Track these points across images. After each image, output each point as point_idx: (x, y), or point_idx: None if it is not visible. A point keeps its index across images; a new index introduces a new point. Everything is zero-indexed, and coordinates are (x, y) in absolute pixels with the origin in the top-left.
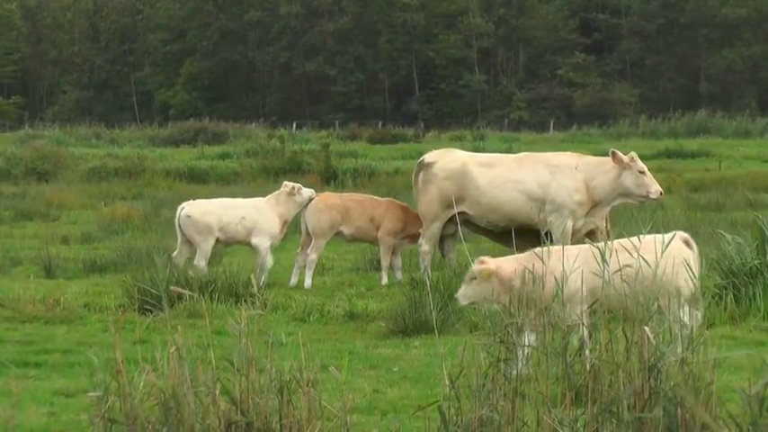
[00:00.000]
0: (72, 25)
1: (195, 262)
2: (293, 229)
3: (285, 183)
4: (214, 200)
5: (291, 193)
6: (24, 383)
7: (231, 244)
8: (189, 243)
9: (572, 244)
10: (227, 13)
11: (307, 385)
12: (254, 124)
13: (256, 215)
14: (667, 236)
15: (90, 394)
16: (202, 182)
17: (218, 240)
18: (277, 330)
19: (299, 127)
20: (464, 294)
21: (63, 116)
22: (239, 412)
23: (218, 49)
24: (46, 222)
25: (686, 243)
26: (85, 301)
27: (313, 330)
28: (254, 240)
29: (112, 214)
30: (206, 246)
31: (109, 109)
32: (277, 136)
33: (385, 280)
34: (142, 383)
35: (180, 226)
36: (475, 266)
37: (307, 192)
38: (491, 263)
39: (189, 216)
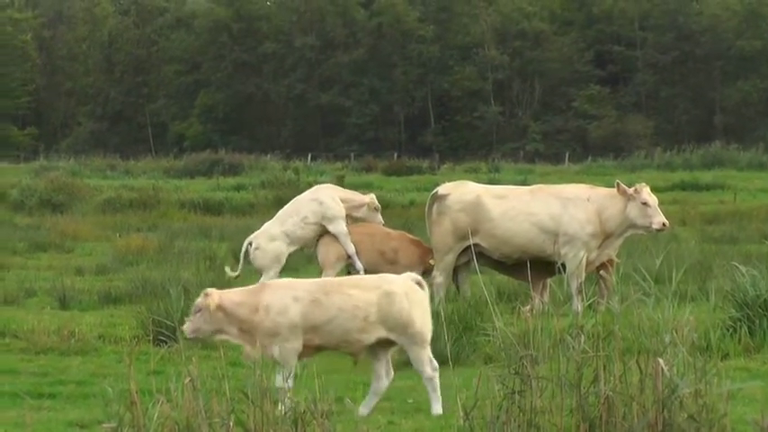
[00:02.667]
0: (86, 57)
1: None
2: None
3: (372, 196)
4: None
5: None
6: (39, 415)
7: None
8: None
9: (585, 275)
10: (242, 44)
11: (321, 417)
12: (269, 156)
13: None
14: (401, 277)
15: (104, 425)
16: (217, 213)
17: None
18: None
19: (313, 159)
20: (190, 328)
21: (78, 147)
22: None
23: (233, 80)
24: (60, 254)
25: (419, 284)
26: (100, 333)
27: (327, 362)
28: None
29: (127, 245)
30: (273, 275)
31: (123, 140)
32: (292, 168)
33: None
34: (156, 414)
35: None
36: (199, 299)
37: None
38: (215, 295)
39: (258, 248)
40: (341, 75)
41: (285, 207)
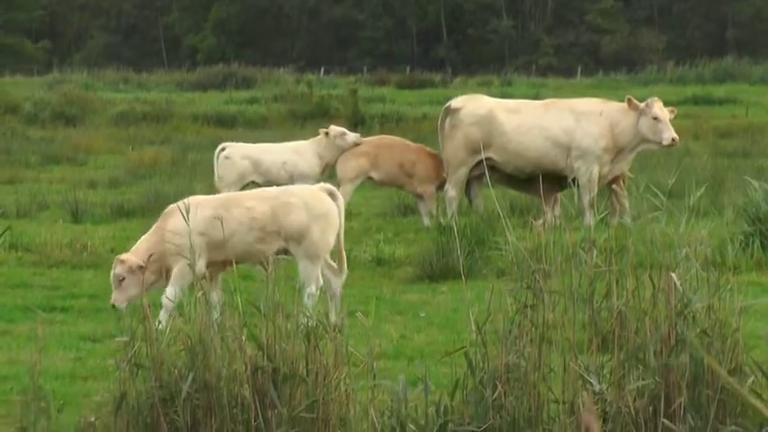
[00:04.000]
0: None
1: None
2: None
3: (332, 127)
4: (255, 145)
5: (336, 138)
6: (51, 328)
7: None
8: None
9: (598, 190)
10: None
11: (333, 331)
12: (281, 69)
13: (297, 158)
14: (314, 188)
15: (116, 339)
16: (230, 126)
17: (255, 184)
18: None
19: (326, 72)
20: (122, 299)
21: (91, 61)
22: (266, 358)
23: None
24: (73, 167)
25: (331, 195)
26: (112, 246)
27: None
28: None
29: (140, 159)
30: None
31: (137, 54)
32: (305, 81)
33: (427, 222)
34: (169, 328)
35: (217, 165)
36: (117, 269)
37: (351, 137)
38: (131, 258)
39: (228, 158)
40: None
41: (287, 143)
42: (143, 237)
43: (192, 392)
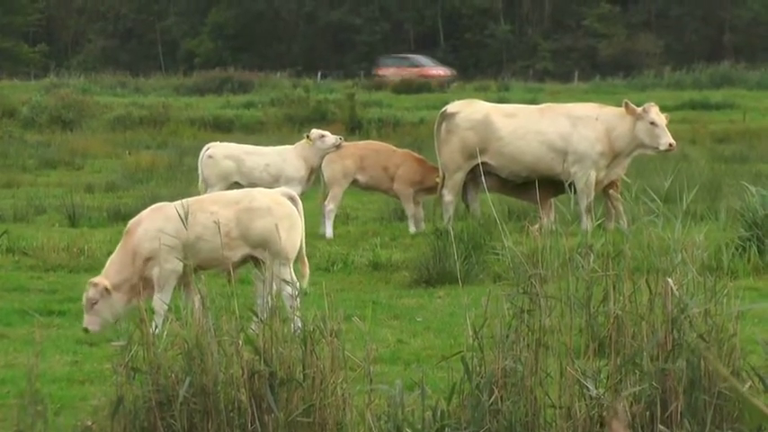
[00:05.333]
0: None
1: None
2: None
3: (313, 130)
4: (240, 145)
5: (315, 140)
6: (48, 332)
7: None
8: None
9: (594, 195)
10: None
11: (330, 335)
12: (279, 74)
13: (281, 162)
14: (274, 191)
15: (113, 343)
16: (227, 131)
17: (239, 185)
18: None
19: (323, 76)
20: (96, 323)
21: (88, 65)
22: (263, 362)
23: None
24: (70, 171)
25: (291, 199)
26: (109, 250)
27: (337, 280)
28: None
29: (137, 163)
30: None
31: (134, 58)
32: (302, 85)
33: (413, 228)
34: (166, 332)
35: (201, 165)
36: (90, 292)
37: (331, 139)
38: (103, 281)
39: (211, 157)
40: None
41: (272, 147)
42: (110, 258)
43: (188, 397)
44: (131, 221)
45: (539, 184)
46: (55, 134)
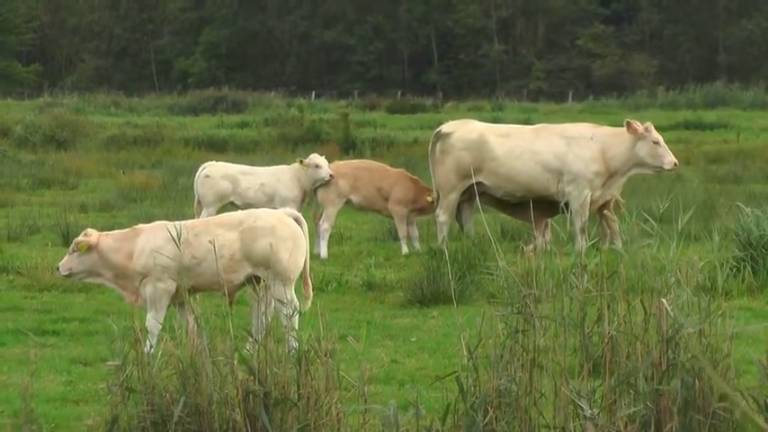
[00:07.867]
0: None
1: None
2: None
3: (311, 156)
4: (236, 165)
5: (309, 167)
6: (42, 352)
7: None
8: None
9: (589, 214)
10: None
11: (325, 355)
12: (272, 93)
13: (275, 183)
14: (278, 212)
15: (108, 363)
16: (221, 150)
17: (234, 206)
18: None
19: (317, 96)
20: (65, 265)
21: (82, 84)
22: (257, 382)
23: (238, 17)
24: (64, 190)
25: (296, 220)
26: None
27: (331, 300)
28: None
29: (131, 182)
30: (213, 211)
31: (128, 77)
32: (296, 105)
33: (405, 249)
34: (160, 352)
35: (197, 184)
36: (79, 237)
37: (324, 172)
38: (94, 235)
39: (208, 176)
40: (345, 12)
41: (266, 167)
42: (115, 232)
43: (183, 416)
44: (141, 225)
45: (534, 205)
46: (49, 153)
